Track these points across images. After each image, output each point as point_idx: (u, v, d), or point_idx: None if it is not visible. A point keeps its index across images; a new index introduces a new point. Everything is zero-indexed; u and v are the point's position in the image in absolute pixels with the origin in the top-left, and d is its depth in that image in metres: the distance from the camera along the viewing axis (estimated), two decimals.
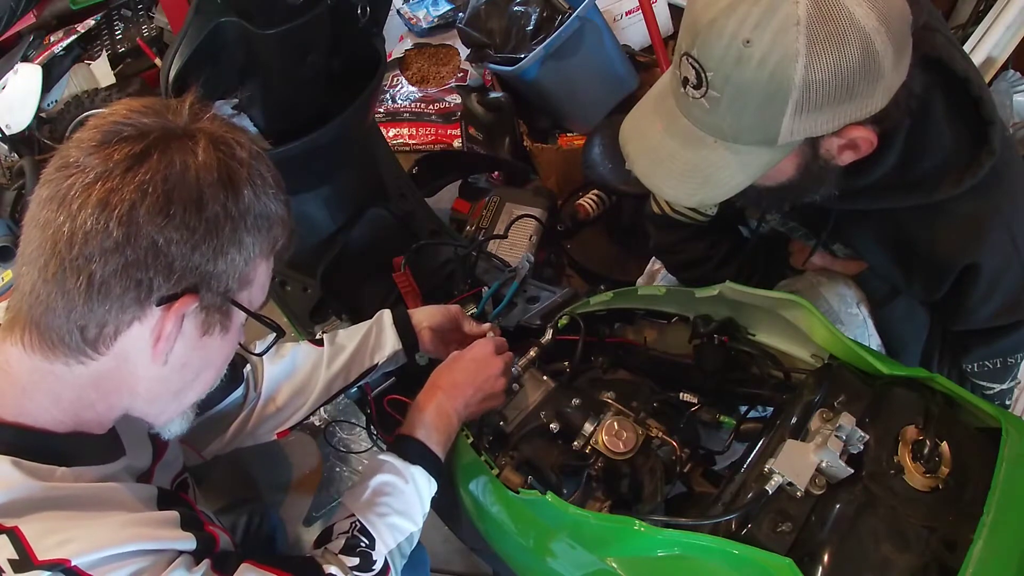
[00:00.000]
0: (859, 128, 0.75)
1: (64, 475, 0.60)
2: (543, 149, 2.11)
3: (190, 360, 0.65)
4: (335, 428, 1.89)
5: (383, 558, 0.78)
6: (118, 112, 0.59)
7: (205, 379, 0.69)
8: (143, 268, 0.56)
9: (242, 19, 1.02)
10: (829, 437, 0.68)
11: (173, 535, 0.64)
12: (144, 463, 0.73)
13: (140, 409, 0.66)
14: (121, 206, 0.55)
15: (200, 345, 0.64)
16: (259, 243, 0.63)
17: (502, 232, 1.72)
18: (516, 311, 1.19)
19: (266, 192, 0.63)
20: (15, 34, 2.51)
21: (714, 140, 0.77)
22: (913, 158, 0.86)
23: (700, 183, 0.80)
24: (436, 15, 2.52)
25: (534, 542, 0.87)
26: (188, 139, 0.59)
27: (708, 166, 0.78)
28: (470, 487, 0.98)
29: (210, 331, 0.64)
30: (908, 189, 0.88)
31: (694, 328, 0.95)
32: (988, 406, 0.74)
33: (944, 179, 0.86)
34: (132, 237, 0.55)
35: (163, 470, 0.78)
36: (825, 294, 1.05)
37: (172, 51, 1.03)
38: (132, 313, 0.58)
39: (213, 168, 0.59)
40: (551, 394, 0.97)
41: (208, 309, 0.62)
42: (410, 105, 2.41)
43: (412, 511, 0.84)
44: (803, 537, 0.67)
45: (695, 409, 0.94)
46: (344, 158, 1.40)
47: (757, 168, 0.78)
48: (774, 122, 0.72)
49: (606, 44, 2.04)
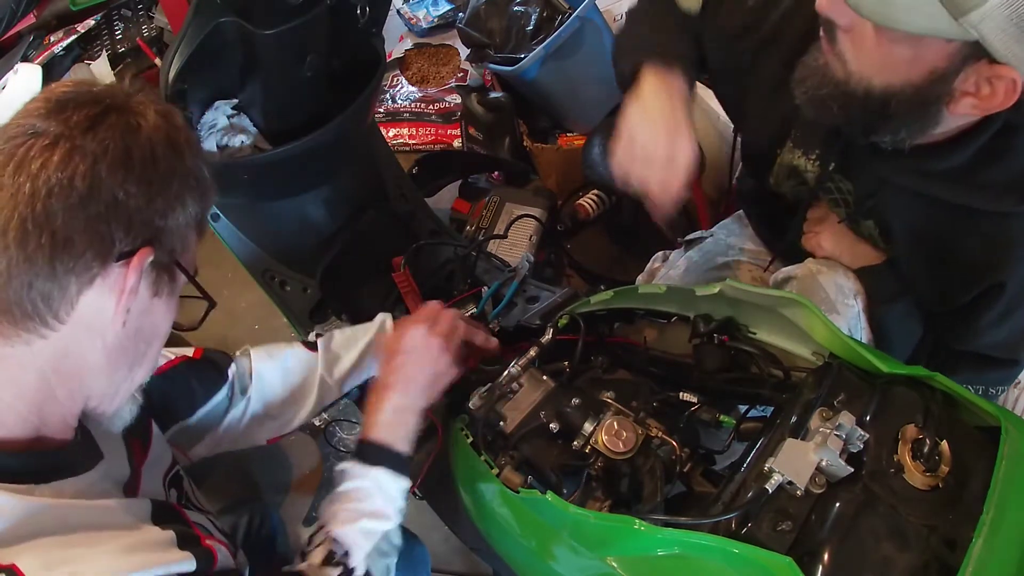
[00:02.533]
0: (1011, 69, 0.70)
1: (43, 493, 0.58)
2: (543, 149, 2.11)
3: (142, 325, 0.65)
4: (335, 428, 1.88)
5: (362, 563, 0.78)
6: (63, 85, 0.62)
7: (152, 353, 0.70)
8: (105, 222, 0.58)
9: (242, 19, 1.03)
10: (829, 436, 0.68)
11: (173, 557, 0.62)
12: (124, 470, 0.72)
13: (97, 390, 0.66)
14: (84, 162, 0.57)
15: (151, 308, 0.65)
16: (195, 207, 0.65)
17: (502, 232, 1.72)
18: (516, 311, 1.19)
19: (201, 158, 0.67)
20: (15, 34, 2.52)
21: None
22: (989, 160, 0.85)
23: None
24: (436, 15, 2.53)
25: (534, 542, 0.87)
26: (138, 105, 0.63)
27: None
28: (470, 487, 0.98)
29: (159, 292, 0.65)
30: (973, 189, 0.87)
31: (694, 327, 0.95)
32: (988, 405, 0.74)
33: (1012, 192, 0.84)
34: (95, 191, 0.57)
35: (151, 469, 0.77)
36: (823, 283, 1.04)
37: (172, 51, 1.03)
38: (95, 270, 0.59)
39: (161, 129, 0.63)
40: (551, 394, 0.97)
41: (158, 268, 0.64)
42: (410, 105, 2.41)
43: (382, 510, 0.83)
44: (803, 536, 0.67)
45: (695, 409, 0.93)
46: (344, 158, 1.40)
47: (927, 24, 0.69)
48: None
49: (606, 44, 2.04)
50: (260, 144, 1.28)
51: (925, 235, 0.96)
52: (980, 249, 0.91)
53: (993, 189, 0.86)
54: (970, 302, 0.96)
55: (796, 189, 1.13)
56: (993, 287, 0.92)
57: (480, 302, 1.20)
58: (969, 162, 0.85)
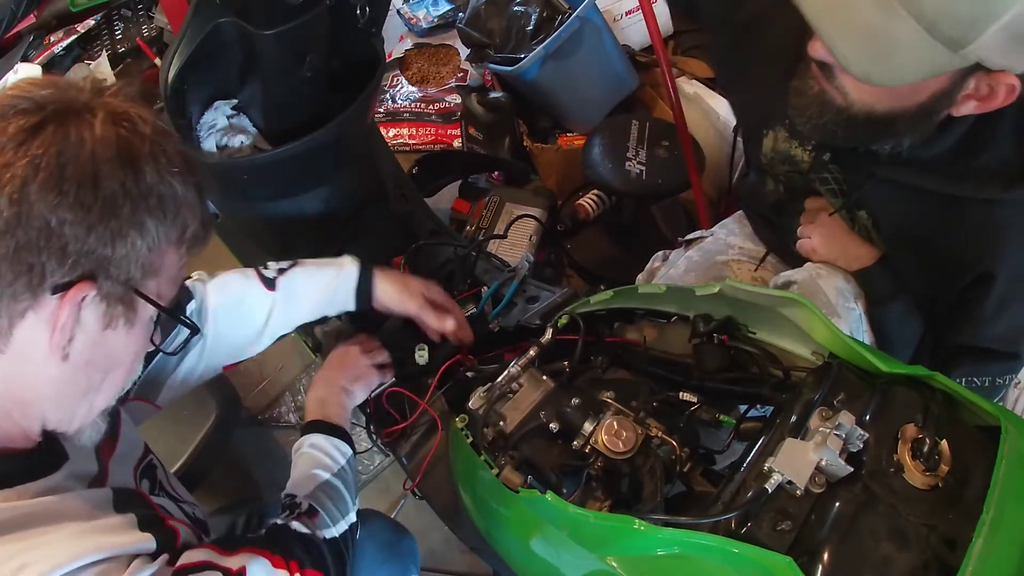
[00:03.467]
0: (1009, 75, 0.71)
1: (7, 496, 0.57)
2: (543, 149, 2.11)
3: (94, 357, 0.60)
4: None
5: (306, 503, 0.82)
6: (18, 86, 0.56)
7: (114, 380, 0.64)
8: (35, 251, 0.53)
9: (241, 19, 1.03)
10: (829, 436, 0.68)
11: (130, 539, 0.61)
12: (91, 467, 0.69)
13: (51, 415, 0.62)
14: (12, 183, 0.51)
15: (103, 340, 0.60)
16: (165, 228, 0.58)
17: (502, 232, 1.72)
18: (516, 311, 1.19)
19: (170, 172, 0.58)
20: (15, 34, 2.52)
21: (907, 14, 0.69)
22: (972, 149, 0.85)
23: (876, 55, 0.72)
24: (436, 15, 2.53)
25: (534, 542, 0.87)
26: (87, 112, 0.55)
27: (890, 39, 0.70)
28: (470, 487, 0.98)
29: (113, 324, 0.59)
30: (957, 177, 0.87)
31: (694, 327, 0.95)
32: (988, 404, 0.74)
33: (995, 179, 0.85)
34: (23, 217, 0.52)
35: (119, 464, 0.75)
36: (824, 287, 1.04)
37: (172, 51, 1.03)
38: (25, 302, 0.54)
39: (112, 143, 0.55)
40: (551, 394, 0.97)
41: (109, 299, 0.57)
42: (410, 105, 2.41)
43: (320, 464, 0.90)
44: (803, 535, 0.67)
45: (695, 408, 0.93)
46: (344, 158, 1.40)
47: (926, 69, 0.71)
48: (980, 25, 0.66)
49: (606, 44, 2.04)
50: (260, 144, 1.28)
51: (912, 225, 0.96)
52: (966, 238, 0.91)
53: (977, 177, 0.86)
54: (964, 295, 0.96)
55: (790, 175, 1.13)
56: (982, 277, 0.92)
57: (480, 302, 1.20)
58: (952, 150, 0.86)
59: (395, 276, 1.10)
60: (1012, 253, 0.89)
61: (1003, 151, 0.85)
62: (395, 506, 1.67)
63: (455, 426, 1.01)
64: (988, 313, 0.95)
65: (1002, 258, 0.90)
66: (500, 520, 0.92)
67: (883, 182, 0.95)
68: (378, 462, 1.79)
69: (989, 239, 0.90)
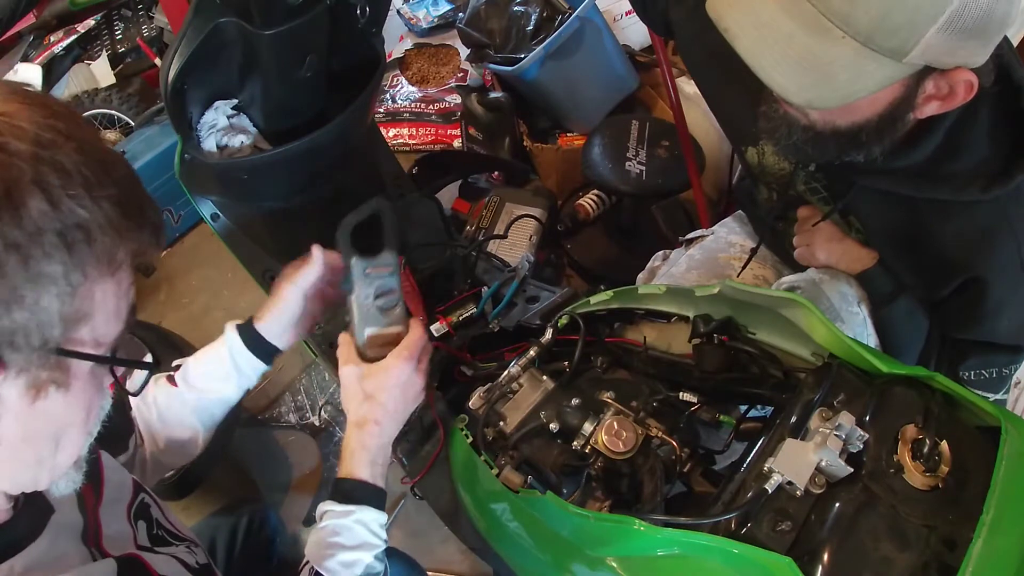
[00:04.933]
0: (965, 71, 0.72)
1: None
2: (543, 149, 2.12)
3: (32, 431, 0.52)
4: (335, 428, 1.89)
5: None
6: None
7: (70, 440, 0.56)
8: None
9: (241, 19, 1.02)
10: (829, 436, 0.68)
11: None
12: (76, 518, 0.65)
13: (11, 483, 0.56)
14: None
15: (36, 412, 0.50)
16: (78, 265, 0.47)
17: (502, 232, 1.72)
18: (516, 311, 1.19)
19: (68, 194, 0.45)
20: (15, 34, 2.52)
21: (842, 35, 0.69)
22: (949, 153, 0.86)
23: (817, 79, 0.72)
24: (436, 15, 2.53)
25: (534, 542, 0.87)
26: None
27: (829, 62, 0.70)
28: (470, 487, 0.98)
29: (43, 394, 0.50)
30: (937, 182, 0.88)
31: (694, 327, 0.95)
32: (988, 405, 0.74)
33: (974, 181, 0.85)
34: None
35: (110, 511, 0.70)
36: (827, 291, 1.04)
37: (172, 51, 1.03)
38: None
39: None
40: (551, 394, 0.97)
41: (27, 371, 0.48)
42: (410, 105, 2.41)
43: (365, 543, 0.80)
44: (803, 536, 0.67)
45: (695, 409, 0.93)
46: (344, 158, 1.40)
47: (873, 83, 0.72)
48: (918, 31, 0.66)
49: (606, 44, 2.04)
50: (260, 144, 1.28)
51: (899, 229, 0.97)
52: (952, 242, 0.92)
53: (956, 180, 0.87)
54: (961, 295, 0.96)
55: (780, 184, 1.15)
56: (974, 281, 0.92)
57: (480, 302, 1.20)
58: (930, 157, 0.86)
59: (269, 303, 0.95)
60: (1000, 252, 0.90)
61: (980, 153, 0.86)
62: (395, 506, 1.67)
63: (455, 426, 1.01)
64: (989, 312, 0.95)
65: (991, 259, 0.90)
66: (500, 520, 0.92)
67: (866, 189, 0.96)
68: None
69: (975, 240, 0.91)
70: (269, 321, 0.94)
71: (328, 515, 0.81)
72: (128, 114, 2.39)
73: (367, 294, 0.87)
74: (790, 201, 1.16)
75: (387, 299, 0.89)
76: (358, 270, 0.87)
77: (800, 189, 1.10)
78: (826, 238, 1.08)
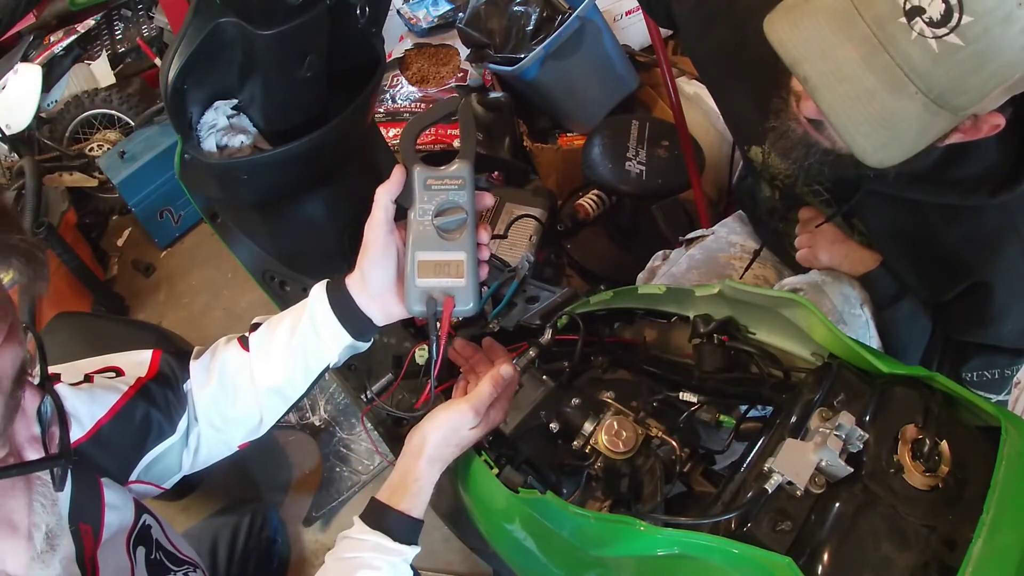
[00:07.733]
0: (996, 115, 0.72)
1: None
2: (543, 149, 2.12)
3: None
4: (335, 428, 1.89)
5: None
6: None
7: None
8: None
9: (241, 19, 1.02)
10: (829, 436, 0.68)
11: None
12: (68, 548, 0.64)
13: None
14: None
15: None
16: None
17: (502, 232, 1.72)
18: (516, 311, 1.19)
19: None
20: (15, 34, 2.52)
21: (916, 91, 0.67)
22: (957, 160, 0.86)
23: (890, 137, 0.71)
24: (436, 15, 2.53)
25: (534, 542, 0.87)
26: None
27: (901, 119, 0.69)
28: (470, 487, 0.98)
29: None
30: (944, 187, 0.88)
31: (694, 327, 0.95)
32: (988, 405, 0.74)
33: (982, 186, 0.85)
34: None
35: (108, 547, 0.70)
36: (829, 293, 1.04)
37: (172, 51, 1.03)
38: None
39: None
40: (551, 394, 0.97)
41: None
42: (410, 105, 2.41)
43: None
44: (803, 536, 0.67)
45: (695, 409, 0.93)
46: (344, 158, 1.40)
47: (934, 135, 0.71)
48: (986, 91, 0.66)
49: (606, 44, 2.04)
50: (260, 144, 1.28)
51: (904, 233, 0.97)
52: (958, 246, 0.92)
53: (963, 185, 0.87)
54: (965, 299, 0.96)
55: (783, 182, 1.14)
56: (978, 285, 0.92)
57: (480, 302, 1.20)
58: (937, 162, 0.86)
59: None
60: (1006, 257, 0.90)
61: (988, 158, 0.86)
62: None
63: None
64: (994, 316, 0.96)
65: (996, 263, 0.91)
66: (500, 520, 0.92)
67: (871, 192, 0.96)
68: (378, 462, 1.80)
69: (981, 245, 0.91)
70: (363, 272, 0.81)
71: (367, 545, 0.78)
72: (128, 114, 2.39)
73: (425, 210, 0.74)
74: (793, 201, 1.15)
75: (450, 219, 0.75)
76: (420, 180, 0.74)
77: (802, 191, 1.10)
78: (829, 240, 1.08)
